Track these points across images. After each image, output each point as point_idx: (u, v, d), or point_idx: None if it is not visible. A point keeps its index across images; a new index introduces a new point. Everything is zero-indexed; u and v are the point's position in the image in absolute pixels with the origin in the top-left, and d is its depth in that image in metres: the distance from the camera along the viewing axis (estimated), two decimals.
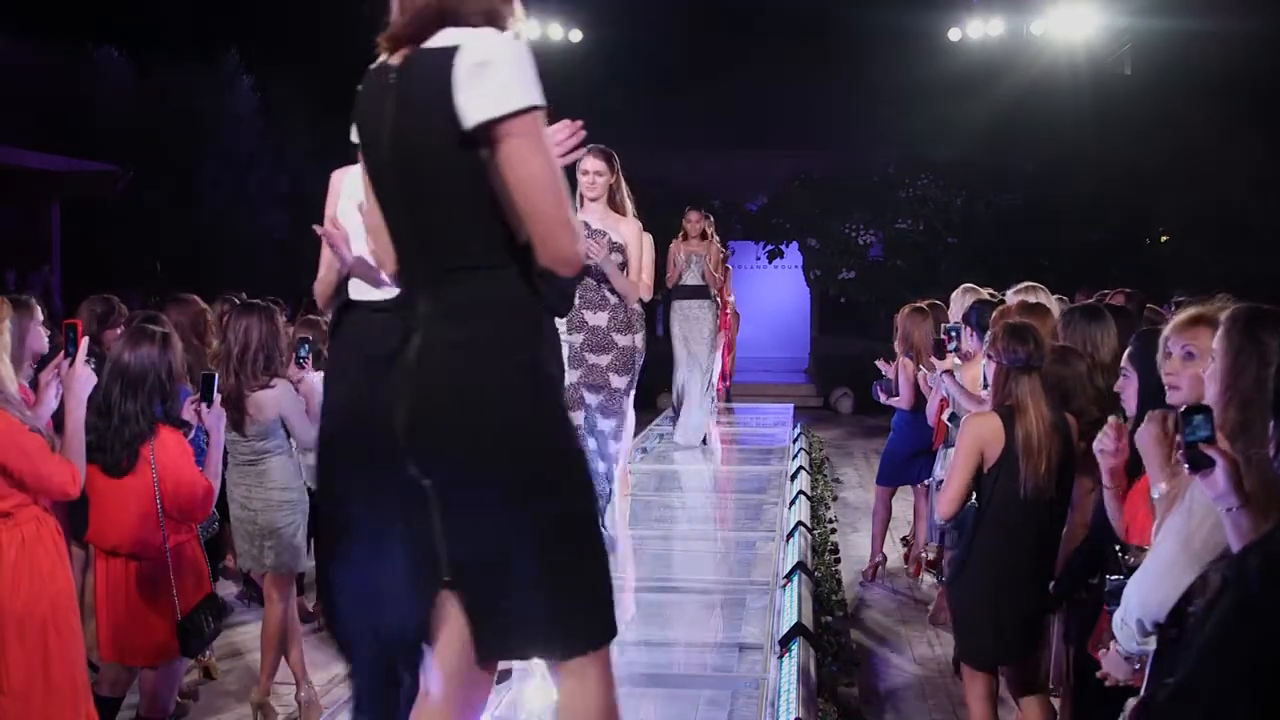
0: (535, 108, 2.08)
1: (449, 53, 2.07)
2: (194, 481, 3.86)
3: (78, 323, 3.57)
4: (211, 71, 15.03)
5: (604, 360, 5.47)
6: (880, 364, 6.56)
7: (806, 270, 16.73)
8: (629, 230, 5.30)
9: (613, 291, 5.39)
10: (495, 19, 2.16)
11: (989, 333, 3.87)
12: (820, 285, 16.66)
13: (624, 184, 5.35)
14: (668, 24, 15.83)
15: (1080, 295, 8.92)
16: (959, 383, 5.00)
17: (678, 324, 9.07)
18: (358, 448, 2.67)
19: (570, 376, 5.36)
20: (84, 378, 3.48)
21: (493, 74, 2.06)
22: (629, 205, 5.36)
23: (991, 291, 5.94)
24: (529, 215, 2.10)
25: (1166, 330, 2.92)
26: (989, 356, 3.78)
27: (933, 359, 5.85)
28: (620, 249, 5.29)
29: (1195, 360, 2.76)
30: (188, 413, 3.88)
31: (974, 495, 3.73)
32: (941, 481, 4.84)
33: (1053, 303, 5.73)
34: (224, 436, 4.06)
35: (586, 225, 5.09)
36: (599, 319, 5.47)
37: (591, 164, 5.21)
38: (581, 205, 5.27)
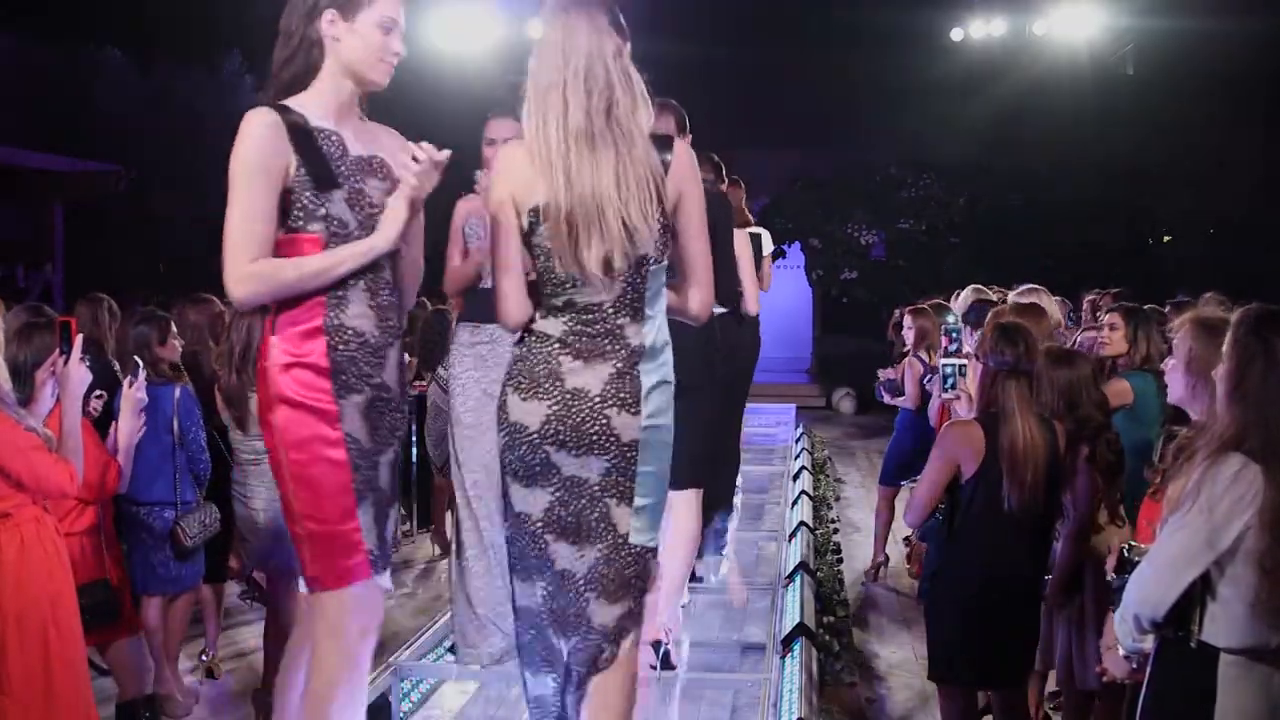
0: None
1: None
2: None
3: (72, 321, 3.52)
4: (213, 72, 15.00)
5: None
6: (884, 375, 6.49)
7: (809, 270, 16.72)
8: None
9: None
10: None
11: (979, 333, 3.70)
12: (823, 285, 16.66)
13: None
14: (669, 25, 15.80)
15: (1082, 296, 8.90)
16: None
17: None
18: None
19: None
20: (79, 376, 3.45)
21: None
22: None
23: (1001, 292, 5.92)
24: None
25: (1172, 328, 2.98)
26: (976, 358, 3.57)
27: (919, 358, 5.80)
28: None
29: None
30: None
31: (940, 506, 3.55)
32: None
33: (1053, 304, 5.72)
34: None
35: None
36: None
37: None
38: None
